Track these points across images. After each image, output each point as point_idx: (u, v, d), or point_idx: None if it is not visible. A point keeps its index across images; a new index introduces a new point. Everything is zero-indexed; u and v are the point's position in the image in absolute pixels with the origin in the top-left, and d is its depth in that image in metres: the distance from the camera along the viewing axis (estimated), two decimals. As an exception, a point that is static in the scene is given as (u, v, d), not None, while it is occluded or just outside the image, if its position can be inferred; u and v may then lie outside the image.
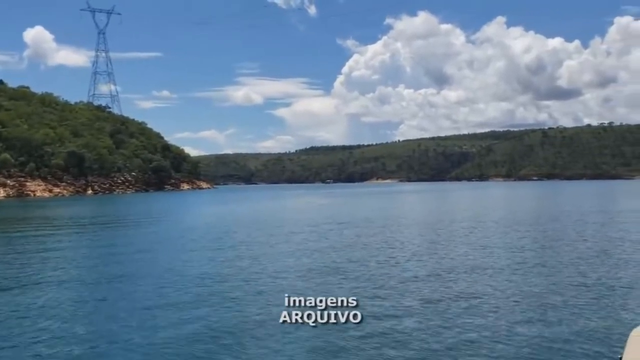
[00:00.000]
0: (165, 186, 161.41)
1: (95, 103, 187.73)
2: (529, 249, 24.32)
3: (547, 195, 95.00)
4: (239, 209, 65.48)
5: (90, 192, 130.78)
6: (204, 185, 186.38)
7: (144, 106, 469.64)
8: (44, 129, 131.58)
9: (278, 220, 44.40)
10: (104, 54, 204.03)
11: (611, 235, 29.62)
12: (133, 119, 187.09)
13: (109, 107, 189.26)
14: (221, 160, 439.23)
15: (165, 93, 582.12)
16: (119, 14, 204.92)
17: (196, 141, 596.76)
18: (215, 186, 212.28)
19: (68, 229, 38.65)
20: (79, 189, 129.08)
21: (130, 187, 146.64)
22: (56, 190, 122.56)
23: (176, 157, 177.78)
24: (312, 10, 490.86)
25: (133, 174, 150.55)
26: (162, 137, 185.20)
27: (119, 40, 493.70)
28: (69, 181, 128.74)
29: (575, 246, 25.00)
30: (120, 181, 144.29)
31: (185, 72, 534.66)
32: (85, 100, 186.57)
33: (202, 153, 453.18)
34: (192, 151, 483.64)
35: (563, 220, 39.91)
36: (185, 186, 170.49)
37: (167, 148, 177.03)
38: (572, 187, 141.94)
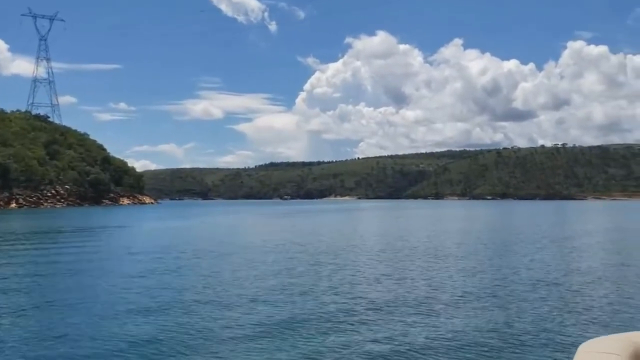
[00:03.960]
0: (104, 200, 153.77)
1: (34, 112, 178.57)
2: (481, 267, 24.02)
3: (497, 215, 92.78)
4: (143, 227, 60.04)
5: (14, 205, 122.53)
6: (146, 200, 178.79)
7: (102, 118, 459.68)
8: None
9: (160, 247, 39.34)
10: (45, 62, 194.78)
11: (564, 253, 30.04)
12: (75, 130, 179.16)
13: (48, 117, 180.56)
14: (177, 174, 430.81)
15: (122, 105, 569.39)
16: (62, 20, 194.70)
17: (155, 155, 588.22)
18: (159, 201, 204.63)
19: None
20: (1, 202, 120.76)
21: (62, 200, 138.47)
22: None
23: (117, 170, 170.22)
24: (273, 26, 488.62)
25: (67, 186, 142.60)
26: (103, 149, 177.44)
27: (76, 51, 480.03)
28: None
29: (527, 264, 24.92)
30: (50, 194, 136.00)
31: (145, 85, 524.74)
32: (23, 109, 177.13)
33: (161, 167, 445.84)
34: (150, 165, 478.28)
35: (515, 239, 39.76)
36: (126, 201, 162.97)
37: (107, 160, 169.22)
38: (524, 207, 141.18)
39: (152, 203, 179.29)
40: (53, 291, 17.86)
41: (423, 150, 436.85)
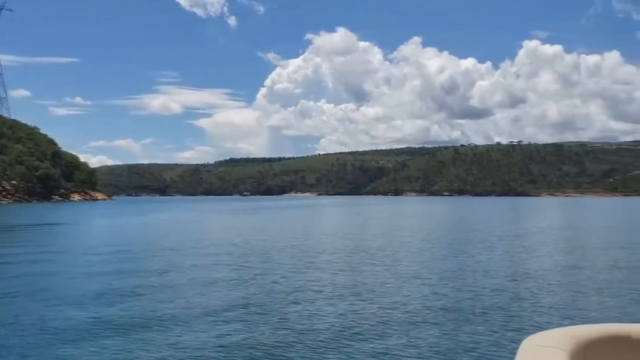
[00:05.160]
0: (53, 197, 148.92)
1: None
2: (429, 262, 24.20)
3: (451, 212, 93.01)
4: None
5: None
6: (99, 196, 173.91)
7: (57, 113, 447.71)
8: None
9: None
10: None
11: (512, 248, 30.43)
12: (24, 124, 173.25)
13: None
14: (134, 170, 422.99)
15: (78, 100, 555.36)
16: (10, 10, 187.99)
17: (111, 150, 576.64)
18: (113, 197, 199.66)
19: None
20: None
21: (9, 196, 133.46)
22: None
23: (68, 165, 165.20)
24: (232, 21, 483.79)
25: (13, 182, 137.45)
26: (54, 144, 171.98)
27: (30, 44, 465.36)
28: None
29: (477, 258, 25.50)
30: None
31: (102, 79, 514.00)
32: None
33: (118, 162, 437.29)
34: (107, 160, 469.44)
35: (469, 235, 40.16)
36: (77, 197, 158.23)
37: (58, 155, 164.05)
38: (479, 204, 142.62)
39: (104, 199, 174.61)
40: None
41: (383, 147, 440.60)
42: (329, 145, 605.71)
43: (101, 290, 17.12)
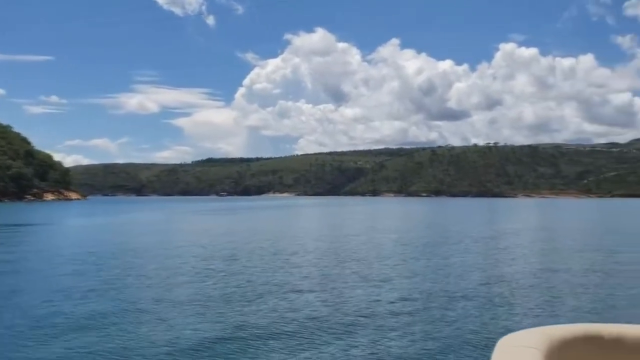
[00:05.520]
0: (26, 196, 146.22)
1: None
2: (402, 265, 23.98)
3: (427, 213, 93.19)
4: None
5: None
6: (73, 196, 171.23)
7: (32, 111, 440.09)
8: None
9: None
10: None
11: (486, 250, 30.45)
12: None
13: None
14: (110, 169, 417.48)
15: (54, 98, 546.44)
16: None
17: (87, 149, 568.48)
18: (88, 197, 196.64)
19: None
20: None
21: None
22: None
23: (42, 165, 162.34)
24: (211, 20, 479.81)
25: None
26: (27, 142, 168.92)
27: (6, 42, 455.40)
28: None
29: (451, 260, 25.53)
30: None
31: (78, 78, 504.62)
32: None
33: (94, 162, 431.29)
34: (83, 160, 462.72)
35: (443, 236, 40.19)
36: (50, 196, 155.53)
37: (31, 154, 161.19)
38: (456, 205, 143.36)
39: (79, 199, 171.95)
40: None
41: (361, 148, 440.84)
42: (307, 145, 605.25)
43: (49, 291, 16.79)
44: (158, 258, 25.81)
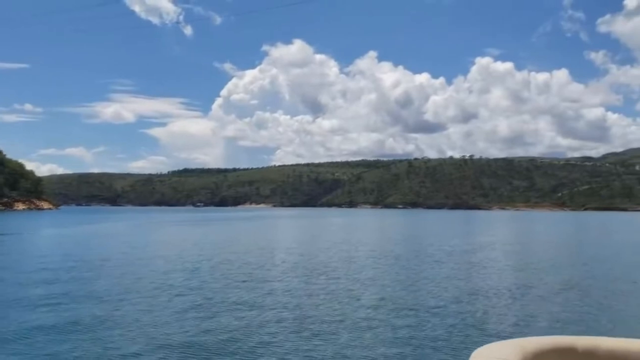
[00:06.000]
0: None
1: None
2: (372, 279, 23.24)
3: (402, 225, 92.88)
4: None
5: None
6: (44, 205, 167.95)
7: (5, 120, 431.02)
8: None
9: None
10: None
11: (460, 263, 29.99)
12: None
13: None
14: (84, 179, 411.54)
15: (28, 107, 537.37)
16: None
17: (62, 159, 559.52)
18: (61, 207, 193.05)
19: None
20: None
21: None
22: None
23: (12, 173, 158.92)
24: (188, 30, 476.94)
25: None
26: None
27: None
28: None
29: (425, 273, 25.35)
30: None
31: (53, 86, 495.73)
32: None
33: (68, 171, 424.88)
34: (57, 169, 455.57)
35: (419, 247, 40.69)
36: (21, 206, 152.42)
37: (1, 163, 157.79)
38: (431, 217, 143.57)
39: (50, 209, 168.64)
40: None
41: (338, 159, 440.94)
42: (284, 156, 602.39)
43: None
44: (113, 272, 24.65)
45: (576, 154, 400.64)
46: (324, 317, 15.03)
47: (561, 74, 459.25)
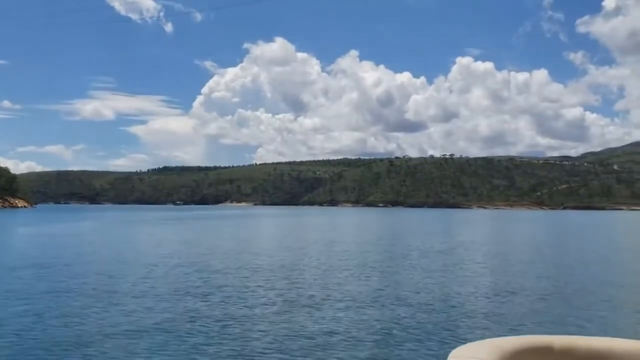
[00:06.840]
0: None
1: None
2: (350, 278, 23.22)
3: (381, 223, 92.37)
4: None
5: None
6: (19, 203, 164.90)
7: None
8: None
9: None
10: None
11: (438, 263, 29.72)
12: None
13: None
14: (63, 177, 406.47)
15: (6, 104, 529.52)
16: None
17: (41, 156, 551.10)
18: (37, 205, 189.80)
19: None
20: None
21: None
22: None
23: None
24: (169, 27, 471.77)
25: None
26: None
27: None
28: None
29: (402, 272, 25.34)
30: None
31: (32, 83, 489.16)
32: None
33: (47, 169, 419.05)
34: (36, 167, 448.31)
35: (397, 246, 40.88)
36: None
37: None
38: (411, 215, 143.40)
39: (25, 207, 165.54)
40: None
41: (320, 158, 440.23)
42: (266, 155, 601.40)
43: None
44: (72, 273, 23.51)
45: (555, 154, 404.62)
46: (288, 325, 14.20)
47: (541, 74, 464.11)
